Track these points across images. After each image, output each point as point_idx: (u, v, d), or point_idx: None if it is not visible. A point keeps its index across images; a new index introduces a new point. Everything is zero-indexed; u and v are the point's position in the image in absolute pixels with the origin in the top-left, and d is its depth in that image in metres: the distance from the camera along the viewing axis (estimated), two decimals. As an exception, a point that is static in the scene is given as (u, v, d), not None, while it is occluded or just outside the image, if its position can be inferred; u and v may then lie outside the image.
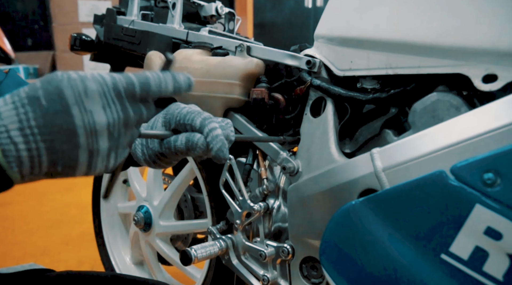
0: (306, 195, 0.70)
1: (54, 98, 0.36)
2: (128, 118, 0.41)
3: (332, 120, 0.73)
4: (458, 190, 0.48)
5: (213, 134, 0.50)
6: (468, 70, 0.58)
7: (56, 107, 0.36)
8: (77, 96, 0.37)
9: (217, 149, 0.49)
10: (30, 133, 0.36)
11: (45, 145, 0.36)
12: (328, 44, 0.77)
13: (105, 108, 0.39)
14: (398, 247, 0.53)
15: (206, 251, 0.76)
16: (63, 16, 2.95)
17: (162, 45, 1.02)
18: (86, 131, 0.37)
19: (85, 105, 0.37)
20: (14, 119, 0.36)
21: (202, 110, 0.54)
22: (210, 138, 0.50)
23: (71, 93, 0.37)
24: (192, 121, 0.51)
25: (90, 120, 0.37)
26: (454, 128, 0.53)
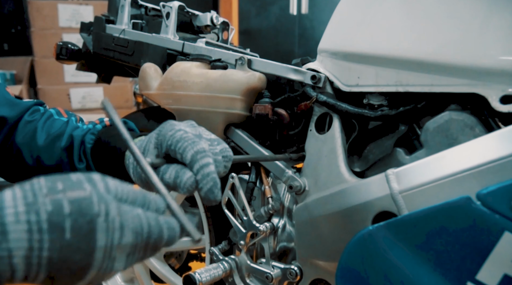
0: (315, 216, 0.68)
1: (82, 236, 0.32)
2: (142, 260, 0.38)
3: (340, 137, 0.71)
4: (485, 217, 0.46)
5: (204, 172, 0.44)
6: (485, 90, 0.57)
7: (80, 246, 0.32)
8: (109, 244, 0.33)
9: (207, 190, 0.44)
10: (36, 263, 0.31)
11: (48, 274, 0.32)
12: (333, 59, 0.76)
13: (128, 256, 0.36)
14: (420, 274, 0.51)
15: (210, 274, 0.73)
16: (42, 21, 2.85)
17: (157, 56, 0.98)
18: (99, 273, 0.34)
19: (112, 253, 0.34)
20: (24, 245, 0.30)
21: (198, 135, 0.48)
22: (201, 177, 0.44)
23: (103, 239, 0.33)
24: (183, 153, 0.45)
25: (108, 266, 0.34)
26: (476, 151, 0.52)
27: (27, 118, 0.66)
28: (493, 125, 0.59)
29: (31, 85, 3.03)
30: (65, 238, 0.31)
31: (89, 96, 2.98)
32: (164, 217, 0.38)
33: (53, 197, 0.32)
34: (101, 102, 0.42)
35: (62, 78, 2.94)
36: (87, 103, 3.00)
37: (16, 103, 0.66)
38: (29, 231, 0.30)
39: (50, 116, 0.68)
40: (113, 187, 0.36)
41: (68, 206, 0.32)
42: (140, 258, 0.37)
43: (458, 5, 0.61)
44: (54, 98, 2.93)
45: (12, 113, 0.65)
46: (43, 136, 0.64)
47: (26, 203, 0.31)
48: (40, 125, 0.65)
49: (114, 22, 1.16)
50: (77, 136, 0.63)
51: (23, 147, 0.64)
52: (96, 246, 0.33)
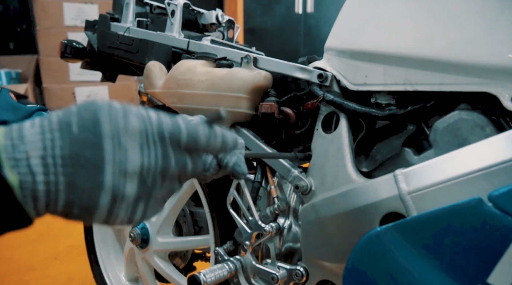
0: (322, 216, 0.67)
1: (88, 127, 0.32)
2: (168, 167, 0.36)
3: (347, 137, 0.70)
4: (497, 219, 0.45)
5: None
6: (496, 89, 0.55)
7: (87, 137, 0.32)
8: (114, 128, 0.33)
9: (233, 163, 0.45)
10: (52, 163, 0.31)
11: (66, 179, 0.32)
12: (340, 57, 0.75)
13: (142, 148, 0.34)
14: (429, 277, 0.50)
15: (215, 275, 0.72)
16: (48, 19, 2.86)
17: (162, 54, 0.97)
18: (114, 169, 0.32)
19: (121, 140, 0.33)
20: (38, 145, 0.31)
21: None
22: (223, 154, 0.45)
23: (108, 124, 0.33)
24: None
25: (122, 158, 0.33)
26: (486, 151, 0.50)
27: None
28: (504, 125, 0.58)
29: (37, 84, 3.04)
30: (73, 131, 0.32)
31: (94, 95, 2.99)
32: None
33: (65, 108, 0.34)
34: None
35: (67, 77, 2.95)
36: (92, 102, 3.01)
37: (19, 108, 0.66)
38: (41, 132, 0.32)
39: None
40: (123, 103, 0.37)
41: (75, 108, 0.34)
42: (162, 157, 0.35)
43: (468, 2, 0.59)
44: (59, 97, 2.94)
45: (15, 118, 0.65)
46: None
47: (42, 117, 0.34)
48: None
49: (119, 20, 1.16)
50: None
51: None
52: (102, 134, 0.33)
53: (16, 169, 0.30)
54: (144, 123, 0.34)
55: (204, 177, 0.47)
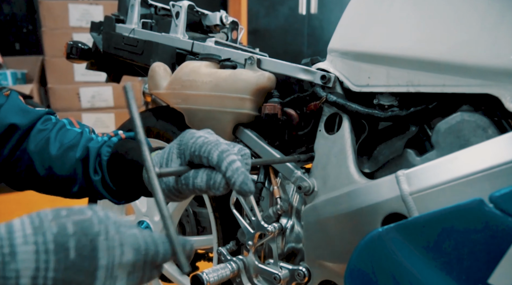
0: (324, 217, 0.68)
1: (85, 255, 0.34)
2: (142, 279, 0.39)
3: (349, 138, 0.71)
4: (498, 219, 0.45)
5: (232, 168, 0.46)
6: (498, 91, 0.56)
7: (83, 265, 0.33)
8: (110, 262, 0.35)
9: (240, 182, 0.46)
10: (41, 284, 0.32)
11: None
12: (343, 59, 0.75)
13: (129, 274, 0.37)
14: (430, 277, 0.51)
15: (218, 274, 0.72)
16: (53, 20, 2.87)
17: (166, 55, 0.98)
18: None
19: (114, 272, 0.35)
20: (31, 266, 0.32)
21: (218, 139, 0.50)
22: (231, 173, 0.46)
23: (105, 257, 0.35)
24: (209, 155, 0.47)
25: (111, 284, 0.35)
26: (488, 152, 0.51)
27: (39, 127, 0.66)
28: (506, 126, 0.58)
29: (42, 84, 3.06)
30: (70, 257, 0.33)
31: (98, 95, 3.00)
32: (159, 234, 0.40)
33: (58, 221, 0.34)
34: (122, 87, 0.43)
35: (72, 78, 2.96)
36: (96, 102, 3.02)
37: (28, 111, 0.67)
38: (36, 252, 0.32)
39: (63, 126, 0.68)
40: (112, 215, 0.38)
41: (72, 227, 0.34)
42: (140, 278, 0.39)
43: (470, 5, 0.60)
44: (64, 97, 2.96)
45: (24, 121, 0.65)
46: (56, 146, 0.64)
47: (34, 226, 0.33)
48: (53, 135, 0.65)
49: (124, 21, 1.17)
50: (93, 148, 0.63)
51: (35, 155, 0.64)
52: (98, 265, 0.34)
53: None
54: (136, 255, 0.37)
55: (214, 194, 0.48)
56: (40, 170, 0.64)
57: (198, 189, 0.48)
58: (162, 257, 0.39)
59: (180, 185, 0.49)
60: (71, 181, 0.64)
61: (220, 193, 0.47)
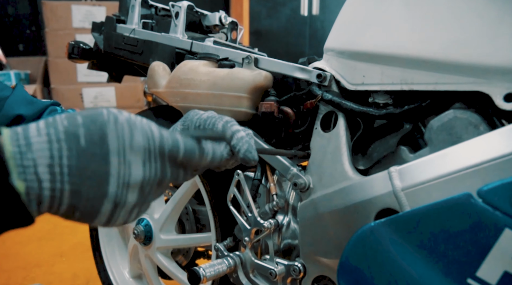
0: (318, 213, 0.69)
1: (95, 141, 0.34)
2: (164, 179, 0.39)
3: (344, 135, 0.72)
4: (486, 214, 0.46)
5: (237, 136, 0.48)
6: (489, 88, 0.57)
7: (95, 151, 0.34)
8: (121, 145, 0.35)
9: (245, 150, 0.47)
10: (58, 172, 0.33)
11: (71, 187, 0.33)
12: (339, 58, 0.76)
13: (145, 163, 0.37)
14: (421, 271, 0.52)
15: (215, 269, 0.74)
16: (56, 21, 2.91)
17: (166, 55, 1.00)
18: (119, 182, 0.35)
19: (126, 156, 0.35)
20: (46, 154, 0.33)
21: (222, 115, 0.52)
22: (235, 141, 0.47)
23: (115, 140, 0.35)
24: (214, 126, 0.49)
25: (126, 172, 0.35)
26: (478, 148, 0.52)
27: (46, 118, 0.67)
28: (497, 123, 0.59)
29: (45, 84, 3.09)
30: (81, 144, 0.34)
31: (101, 95, 3.03)
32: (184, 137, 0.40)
33: (69, 116, 0.35)
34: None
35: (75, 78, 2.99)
36: (99, 102, 3.05)
37: (34, 102, 0.68)
38: (49, 142, 0.33)
39: None
40: (126, 113, 0.38)
41: (81, 118, 0.35)
42: (159, 170, 0.38)
43: (462, 4, 0.61)
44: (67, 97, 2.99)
45: (30, 112, 0.66)
46: None
47: (47, 123, 0.35)
48: None
49: (125, 22, 1.18)
50: None
51: None
52: (109, 149, 0.34)
53: (23, 175, 0.31)
54: (148, 140, 0.37)
55: (218, 164, 0.48)
56: None
57: (207, 160, 0.48)
58: (184, 153, 0.39)
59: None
60: None
61: (224, 162, 0.47)
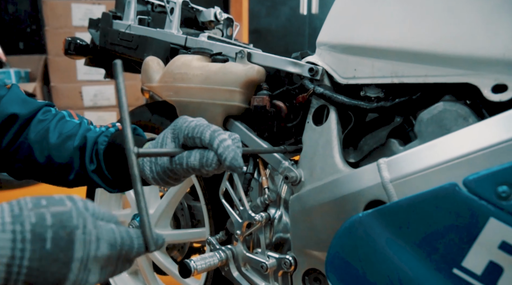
0: (309, 206, 0.69)
1: (61, 247, 0.34)
2: (114, 272, 0.41)
3: (335, 129, 0.72)
4: (471, 203, 0.46)
5: (224, 145, 0.49)
6: (477, 80, 0.57)
7: (59, 256, 0.34)
8: (85, 255, 0.36)
9: (231, 158, 0.48)
10: (16, 272, 0.33)
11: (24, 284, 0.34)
12: (331, 52, 0.76)
13: (102, 268, 0.38)
14: (407, 261, 0.52)
15: (206, 262, 0.74)
16: (56, 20, 2.91)
17: (160, 50, 1.00)
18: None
19: (88, 264, 0.36)
20: (7, 253, 0.33)
21: (210, 124, 0.53)
22: (222, 150, 0.49)
23: (81, 249, 0.35)
24: (202, 134, 0.50)
25: (84, 278, 0.36)
26: (465, 139, 0.52)
27: (40, 117, 0.68)
28: (486, 115, 0.59)
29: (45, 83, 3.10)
30: (46, 248, 0.34)
31: (100, 94, 3.03)
32: (134, 229, 0.41)
33: (37, 211, 0.35)
34: (112, 63, 0.43)
35: (74, 76, 2.99)
36: (98, 101, 3.05)
37: (28, 101, 0.68)
38: (13, 240, 0.33)
39: (63, 117, 0.70)
40: (91, 206, 0.39)
41: (50, 219, 0.35)
42: (112, 271, 0.40)
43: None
44: (67, 95, 2.99)
45: (24, 111, 0.67)
46: (56, 135, 0.66)
47: (13, 215, 0.34)
48: (53, 125, 0.67)
49: (121, 18, 1.19)
50: (91, 137, 0.64)
51: (35, 145, 0.66)
52: (73, 257, 0.35)
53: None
54: (111, 250, 0.38)
55: (206, 172, 0.51)
56: (39, 158, 0.66)
57: (191, 167, 0.50)
58: (136, 252, 0.41)
59: (174, 165, 0.52)
60: (68, 169, 0.66)
61: (212, 170, 0.50)
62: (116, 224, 0.41)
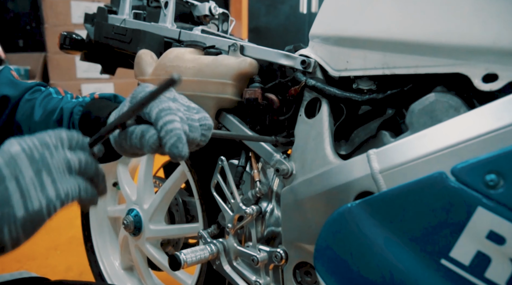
0: (300, 198, 0.68)
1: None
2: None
3: (327, 121, 0.71)
4: (458, 192, 0.46)
5: (167, 128, 0.44)
6: (468, 69, 0.56)
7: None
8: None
9: (171, 144, 0.43)
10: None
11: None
12: (324, 44, 0.76)
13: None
14: (396, 252, 0.51)
15: (196, 255, 0.73)
16: (56, 17, 2.91)
17: (154, 44, 0.99)
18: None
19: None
20: None
21: (172, 98, 0.48)
22: (164, 133, 0.44)
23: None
24: (150, 111, 0.45)
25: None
26: (454, 128, 0.51)
27: (27, 97, 0.68)
28: (477, 105, 0.59)
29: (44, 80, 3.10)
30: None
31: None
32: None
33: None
34: (170, 75, 0.43)
35: (74, 74, 3.00)
36: (98, 99, 3.05)
37: (19, 83, 0.68)
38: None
39: (49, 94, 0.69)
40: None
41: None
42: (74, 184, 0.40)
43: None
44: (66, 93, 2.99)
45: (15, 93, 0.67)
46: (40, 112, 0.65)
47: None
48: (38, 103, 0.66)
49: (117, 12, 1.18)
50: (67, 108, 0.63)
51: (23, 124, 0.66)
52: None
53: None
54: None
55: (142, 152, 0.47)
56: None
57: (134, 145, 0.46)
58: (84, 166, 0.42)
59: (119, 139, 0.48)
60: None
61: (149, 151, 0.45)
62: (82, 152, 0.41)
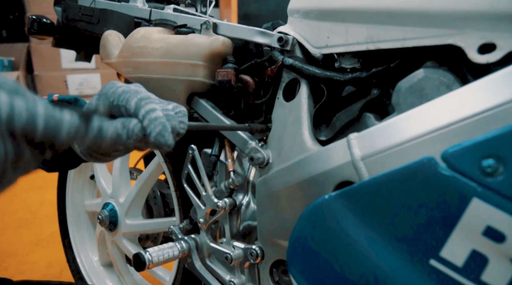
0: (275, 189, 0.61)
1: None
2: (20, 159, 0.33)
3: (306, 104, 0.64)
4: (450, 181, 0.39)
5: (150, 117, 0.41)
6: (461, 40, 0.49)
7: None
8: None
9: (156, 133, 0.41)
10: None
11: None
12: (303, 19, 0.68)
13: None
14: (378, 250, 0.44)
15: (164, 254, 0.66)
16: (38, 6, 2.81)
17: (122, 24, 0.91)
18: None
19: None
20: None
21: (147, 91, 0.45)
22: (147, 122, 0.41)
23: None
24: (127, 103, 0.42)
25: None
26: (446, 107, 0.44)
27: None
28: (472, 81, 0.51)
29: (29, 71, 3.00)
30: None
31: (86, 82, 2.94)
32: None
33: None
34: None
35: (59, 65, 2.90)
36: (84, 89, 2.96)
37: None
38: None
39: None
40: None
41: None
42: (11, 151, 0.32)
43: None
44: (51, 84, 2.90)
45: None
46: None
47: None
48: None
49: (87, -7, 1.10)
50: None
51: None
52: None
53: None
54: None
55: (133, 146, 0.43)
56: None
57: (112, 140, 0.41)
58: (42, 131, 0.32)
59: (95, 137, 0.43)
60: None
61: (133, 143, 0.41)
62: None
